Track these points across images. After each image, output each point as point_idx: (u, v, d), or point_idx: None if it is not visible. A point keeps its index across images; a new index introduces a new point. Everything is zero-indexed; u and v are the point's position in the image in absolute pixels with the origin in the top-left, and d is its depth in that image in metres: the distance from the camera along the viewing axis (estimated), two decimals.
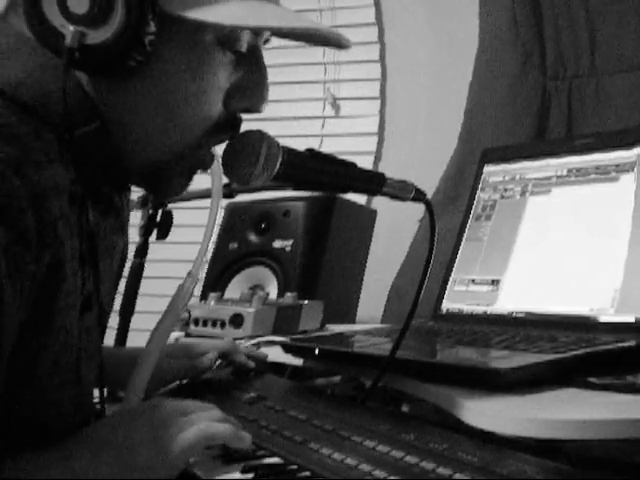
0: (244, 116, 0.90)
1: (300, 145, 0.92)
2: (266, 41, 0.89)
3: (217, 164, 0.92)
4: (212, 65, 0.82)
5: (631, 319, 1.06)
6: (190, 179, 0.90)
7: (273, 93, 0.88)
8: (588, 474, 0.67)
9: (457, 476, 0.69)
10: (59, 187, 0.73)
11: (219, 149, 0.90)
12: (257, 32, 0.85)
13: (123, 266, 1.04)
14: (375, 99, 2.30)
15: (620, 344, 0.97)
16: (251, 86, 0.86)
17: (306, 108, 2.38)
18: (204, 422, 0.78)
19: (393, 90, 2.30)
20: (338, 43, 0.88)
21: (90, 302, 0.81)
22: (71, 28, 0.74)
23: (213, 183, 0.97)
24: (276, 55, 0.90)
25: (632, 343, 0.97)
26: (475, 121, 1.96)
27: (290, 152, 0.89)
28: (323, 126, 2.36)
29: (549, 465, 0.68)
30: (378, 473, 0.72)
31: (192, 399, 0.86)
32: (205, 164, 0.89)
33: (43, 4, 0.75)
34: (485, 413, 0.81)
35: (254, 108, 0.88)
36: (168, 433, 0.76)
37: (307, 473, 0.75)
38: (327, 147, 2.31)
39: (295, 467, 0.77)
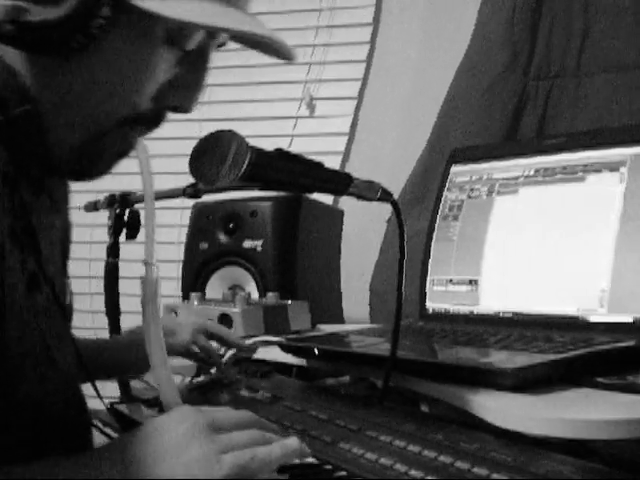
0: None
1: (270, 145, 0.90)
2: (221, 45, 0.86)
3: (142, 147, 0.89)
4: (154, 58, 0.79)
5: (628, 319, 1.08)
6: (115, 161, 0.85)
7: (250, 94, 0.86)
8: (623, 474, 0.69)
9: (495, 476, 0.70)
10: None
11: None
12: (211, 33, 0.82)
13: (68, 248, 1.01)
14: (352, 99, 2.31)
15: (620, 344, 1.00)
16: (186, 86, 0.83)
17: (282, 108, 2.36)
18: (254, 450, 0.72)
19: (372, 91, 2.30)
20: (286, 55, 0.84)
21: (37, 282, 0.78)
22: (8, 2, 0.69)
23: (141, 168, 0.91)
24: (259, 55, 0.88)
25: (631, 343, 1.00)
26: (447, 120, 1.96)
27: (258, 153, 0.87)
28: (295, 126, 2.36)
29: (584, 465, 0.70)
30: (415, 473, 0.73)
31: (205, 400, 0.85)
32: (126, 145, 0.85)
33: None
34: (511, 414, 0.83)
35: (183, 108, 0.85)
36: (203, 453, 0.71)
37: (343, 473, 0.76)
38: (298, 147, 2.29)
39: (330, 467, 0.78)
